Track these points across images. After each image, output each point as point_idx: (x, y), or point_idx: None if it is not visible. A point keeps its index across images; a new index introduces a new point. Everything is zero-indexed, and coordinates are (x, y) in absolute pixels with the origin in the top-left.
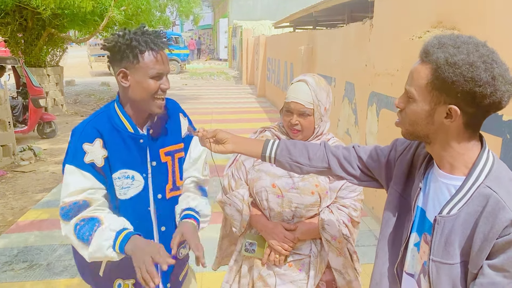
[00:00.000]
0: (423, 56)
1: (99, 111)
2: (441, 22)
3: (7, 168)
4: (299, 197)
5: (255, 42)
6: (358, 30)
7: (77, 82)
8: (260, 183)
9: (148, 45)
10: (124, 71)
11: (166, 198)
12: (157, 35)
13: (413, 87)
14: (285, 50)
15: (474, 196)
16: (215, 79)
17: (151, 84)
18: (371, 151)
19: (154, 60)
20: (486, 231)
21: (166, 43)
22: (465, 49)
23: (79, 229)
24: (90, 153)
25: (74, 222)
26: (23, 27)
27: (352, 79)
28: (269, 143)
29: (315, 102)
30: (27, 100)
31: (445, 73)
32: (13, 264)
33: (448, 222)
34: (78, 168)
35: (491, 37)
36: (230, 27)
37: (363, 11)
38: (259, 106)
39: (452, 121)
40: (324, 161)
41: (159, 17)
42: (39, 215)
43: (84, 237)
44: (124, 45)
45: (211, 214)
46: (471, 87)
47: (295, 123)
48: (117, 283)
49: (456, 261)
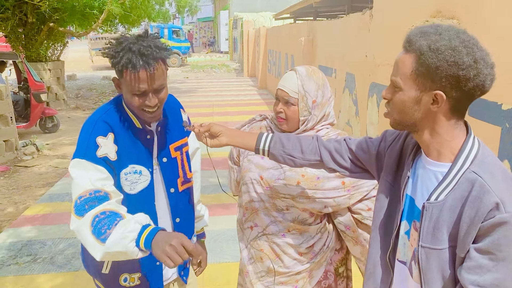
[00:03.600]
0: (407, 45)
1: (108, 105)
2: (440, 12)
3: (10, 163)
4: (285, 187)
5: (256, 34)
6: (358, 20)
7: (78, 76)
8: (249, 175)
9: (127, 66)
10: (117, 80)
11: (179, 191)
12: (143, 53)
13: (398, 76)
14: (285, 42)
15: (460, 182)
16: (217, 71)
17: (135, 100)
18: (361, 143)
19: (135, 79)
20: (471, 215)
21: (151, 63)
22: (447, 35)
23: (98, 221)
24: (103, 147)
25: (93, 214)
26: (23, 22)
27: (352, 70)
28: (263, 136)
29: (301, 92)
30: (28, 95)
31: (429, 59)
32: (17, 258)
33: (436, 208)
34: (91, 162)
35: (490, 27)
36: (230, 19)
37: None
38: (260, 98)
39: (438, 107)
40: (316, 154)
41: (158, 10)
42: (42, 209)
43: (102, 230)
44: (112, 58)
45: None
46: (455, 71)
47: (279, 111)
48: (123, 277)
49: (445, 246)
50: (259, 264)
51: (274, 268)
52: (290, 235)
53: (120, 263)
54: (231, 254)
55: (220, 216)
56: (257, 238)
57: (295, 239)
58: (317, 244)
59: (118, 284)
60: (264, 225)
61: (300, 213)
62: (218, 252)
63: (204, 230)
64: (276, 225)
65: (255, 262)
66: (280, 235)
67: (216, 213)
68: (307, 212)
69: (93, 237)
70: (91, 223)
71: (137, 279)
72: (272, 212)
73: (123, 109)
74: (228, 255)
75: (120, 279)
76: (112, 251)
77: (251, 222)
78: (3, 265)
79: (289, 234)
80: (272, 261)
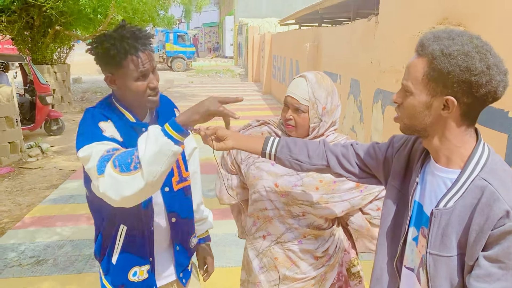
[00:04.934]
0: (419, 49)
1: (99, 103)
2: (446, 18)
3: (15, 164)
4: (304, 194)
5: (261, 40)
6: (364, 27)
7: (84, 79)
8: (262, 183)
9: (127, 51)
10: (110, 76)
11: (174, 190)
12: (136, 36)
13: (410, 80)
14: (290, 48)
15: (469, 189)
16: (221, 76)
17: (138, 85)
18: (368, 149)
19: (135, 63)
20: (481, 222)
21: (146, 43)
22: (460, 40)
23: (119, 161)
24: (107, 129)
25: (111, 162)
26: (29, 25)
27: (357, 76)
28: (269, 140)
29: (311, 99)
30: (34, 97)
31: (441, 64)
32: (20, 260)
33: (444, 215)
34: (101, 141)
35: (497, 33)
36: (236, 24)
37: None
38: (264, 103)
39: (449, 113)
40: (323, 159)
41: (163, 16)
42: (46, 211)
43: (128, 160)
44: (104, 53)
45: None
46: (467, 77)
47: (289, 118)
48: (132, 271)
49: (453, 253)
50: (272, 272)
51: (289, 275)
52: (306, 241)
53: (131, 252)
54: (234, 259)
55: (221, 220)
56: (270, 247)
57: (311, 244)
58: (331, 247)
59: (127, 279)
60: (279, 233)
61: (315, 219)
62: (222, 257)
63: (209, 233)
64: (292, 232)
65: (268, 271)
66: (296, 241)
67: (218, 217)
68: (323, 217)
69: (125, 174)
70: (114, 166)
71: (146, 272)
72: (288, 219)
73: (116, 107)
74: (231, 260)
75: (129, 274)
76: (150, 160)
77: (264, 231)
78: (6, 266)
79: (305, 240)
80: (287, 268)
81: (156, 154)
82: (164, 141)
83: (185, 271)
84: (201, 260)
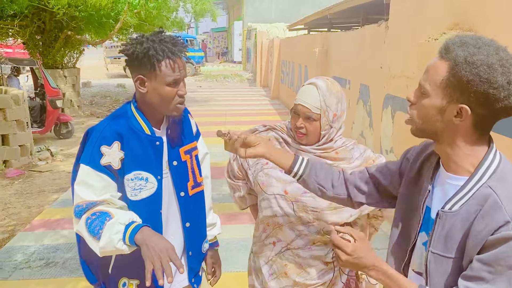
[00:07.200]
0: (443, 52)
1: (117, 112)
2: (457, 24)
3: (25, 167)
4: (313, 200)
5: (269, 45)
6: (373, 32)
7: (93, 83)
8: (271, 190)
9: (166, 54)
10: (141, 78)
11: (189, 195)
12: (174, 42)
13: (428, 82)
14: (299, 53)
15: (475, 195)
16: (229, 81)
17: (168, 91)
18: (382, 166)
19: (171, 68)
20: (480, 229)
21: (183, 50)
22: (486, 50)
23: (90, 223)
24: (107, 156)
25: (86, 216)
26: (41, 29)
27: (367, 82)
28: (299, 159)
29: (323, 107)
30: (44, 101)
31: (462, 71)
32: (29, 262)
33: (449, 217)
34: (94, 170)
35: (509, 39)
36: (244, 29)
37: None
38: (272, 108)
39: (461, 121)
40: (344, 188)
41: (173, 19)
42: (55, 214)
43: (95, 231)
44: (142, 53)
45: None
46: (485, 89)
47: (300, 126)
48: (122, 281)
49: (453, 256)
50: (282, 279)
51: (300, 282)
52: (315, 247)
53: (123, 265)
54: (241, 264)
55: (229, 225)
56: (280, 253)
57: (320, 250)
58: None
59: None
60: (289, 240)
61: (325, 225)
62: (229, 262)
63: (217, 239)
64: (302, 238)
65: (278, 277)
66: (306, 248)
67: (225, 222)
68: (333, 223)
69: (90, 236)
70: (86, 225)
71: (135, 285)
72: (298, 226)
73: (133, 115)
74: (238, 265)
75: (119, 283)
76: (107, 250)
77: (274, 238)
78: (16, 268)
79: (314, 246)
80: (297, 274)
81: (112, 251)
82: (121, 248)
83: (196, 276)
84: (209, 265)
